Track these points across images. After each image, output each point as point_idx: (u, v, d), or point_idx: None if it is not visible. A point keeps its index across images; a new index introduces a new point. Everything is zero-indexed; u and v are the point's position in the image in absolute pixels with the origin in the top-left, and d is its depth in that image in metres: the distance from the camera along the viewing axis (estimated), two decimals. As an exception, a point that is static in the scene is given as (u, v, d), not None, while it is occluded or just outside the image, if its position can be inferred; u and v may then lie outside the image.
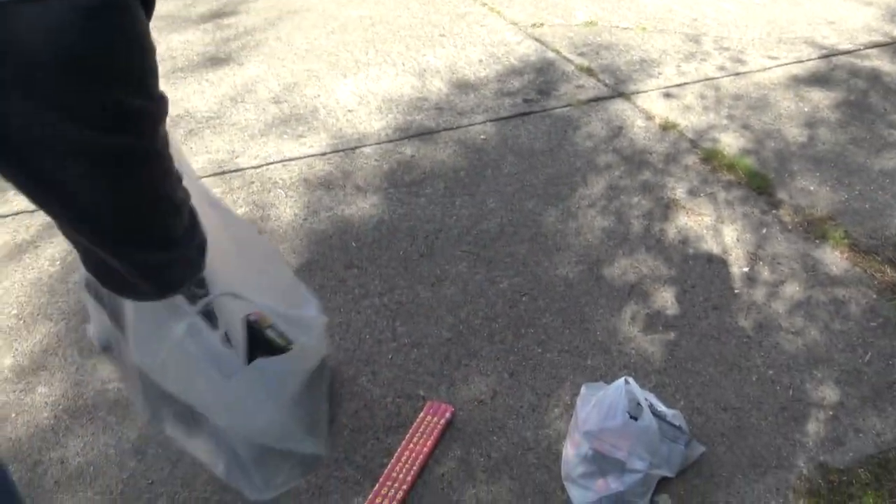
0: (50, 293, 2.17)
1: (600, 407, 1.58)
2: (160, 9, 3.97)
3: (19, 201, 2.54)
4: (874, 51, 3.68)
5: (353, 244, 2.35)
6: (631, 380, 1.61)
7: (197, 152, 2.80)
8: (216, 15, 3.96)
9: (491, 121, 3.02)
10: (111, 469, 1.68)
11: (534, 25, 3.87)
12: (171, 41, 3.67)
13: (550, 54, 3.57)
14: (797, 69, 3.47)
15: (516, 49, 3.62)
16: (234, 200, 2.53)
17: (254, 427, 1.53)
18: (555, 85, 3.29)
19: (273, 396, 1.50)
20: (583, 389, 1.70)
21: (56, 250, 2.32)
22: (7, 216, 2.48)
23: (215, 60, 3.50)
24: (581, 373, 1.92)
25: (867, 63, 3.55)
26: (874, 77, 3.42)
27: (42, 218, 2.46)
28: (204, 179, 2.34)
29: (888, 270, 2.26)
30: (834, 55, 3.62)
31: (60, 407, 1.82)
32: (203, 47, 3.63)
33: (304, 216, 2.47)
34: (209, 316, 1.37)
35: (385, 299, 2.14)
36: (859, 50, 3.68)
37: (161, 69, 3.45)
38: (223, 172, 2.69)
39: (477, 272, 2.24)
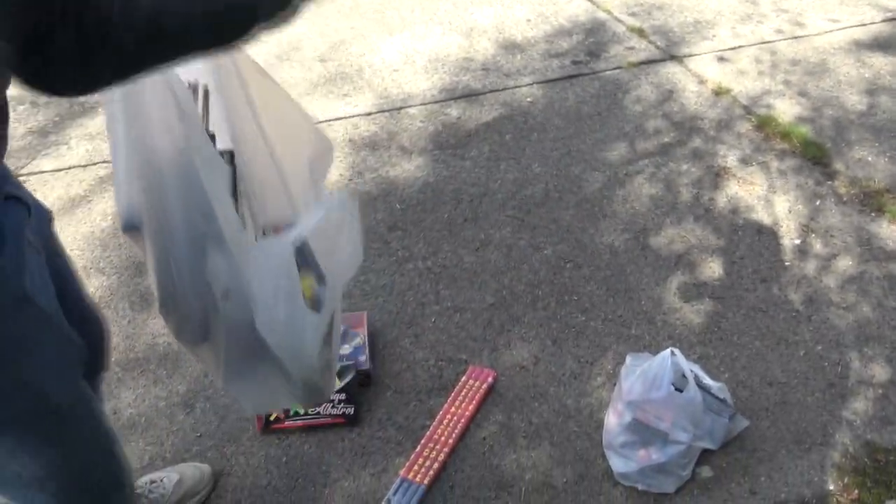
0: (102, 247, 2.22)
1: (645, 377, 1.57)
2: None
3: (72, 156, 2.59)
4: (943, 14, 3.50)
5: (398, 206, 2.35)
6: (677, 351, 1.60)
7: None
8: None
9: (538, 83, 2.97)
10: (161, 421, 1.74)
11: (584, -16, 3.77)
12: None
13: (601, 14, 3.48)
14: (859, 33, 3.33)
15: (566, 8, 3.54)
16: (280, 159, 2.54)
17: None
18: (605, 46, 3.22)
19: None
20: (627, 359, 1.69)
21: (108, 205, 2.36)
22: (61, 170, 2.53)
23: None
24: (625, 342, 1.91)
25: (935, 27, 3.39)
26: (941, 42, 3.27)
27: (95, 172, 2.51)
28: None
29: (947, 246, 2.19)
30: (899, 18, 3.46)
31: (113, 359, 1.87)
32: None
33: (348, 176, 2.48)
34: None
35: (429, 262, 2.15)
36: (927, 13, 3.51)
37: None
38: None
39: (521, 238, 2.23)
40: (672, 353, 1.58)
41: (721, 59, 3.13)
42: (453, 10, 3.53)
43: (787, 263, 2.15)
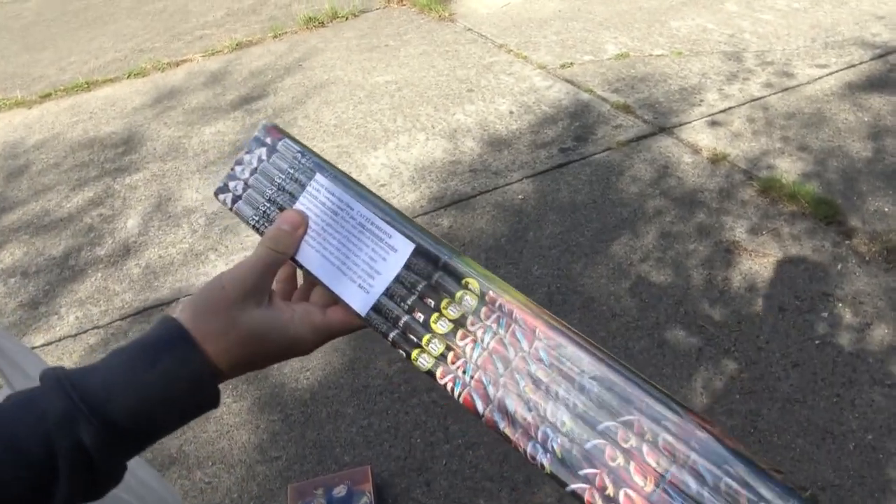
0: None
1: None
2: (191, 102, 4.01)
3: (62, 326, 2.53)
4: (934, 42, 3.41)
5: (396, 334, 2.24)
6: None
7: (233, 250, 2.75)
8: (245, 100, 3.98)
9: (528, 177, 2.89)
10: None
11: (563, 66, 3.74)
12: (202, 134, 3.68)
13: (584, 95, 3.43)
14: (850, 75, 3.24)
15: (547, 94, 3.50)
16: (273, 299, 2.46)
17: None
18: (591, 128, 3.15)
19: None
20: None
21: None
22: (51, 343, 2.47)
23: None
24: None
25: (928, 57, 3.29)
26: (938, 72, 3.16)
27: (85, 341, 2.44)
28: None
29: None
30: (889, 53, 3.37)
31: None
32: (234, 136, 3.63)
33: (343, 308, 2.38)
34: None
35: (434, 395, 2.01)
36: (917, 43, 3.42)
37: (193, 164, 3.45)
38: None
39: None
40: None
41: (713, 123, 3.04)
42: (435, 113, 3.50)
43: (817, 342, 1.98)
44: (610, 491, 0.44)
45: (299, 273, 0.61)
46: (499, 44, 4.13)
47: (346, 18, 4.88)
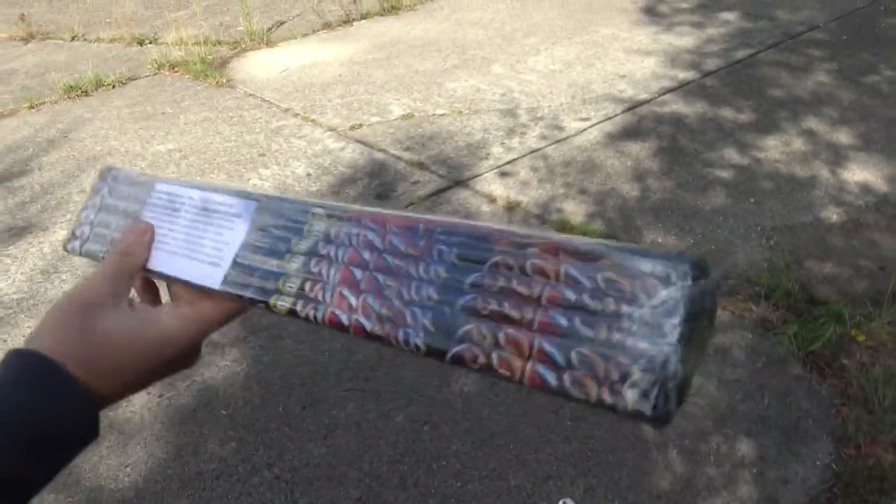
0: None
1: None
2: (-67, 183, 3.50)
3: None
4: (668, 96, 3.97)
5: (224, 413, 2.09)
6: (570, 501, 1.50)
7: (14, 344, 2.41)
8: (4, 177, 3.56)
9: (337, 237, 2.88)
10: None
11: (352, 128, 3.82)
12: (-47, 218, 3.23)
13: (378, 154, 3.52)
14: (609, 126, 3.66)
15: (342, 155, 3.54)
16: (71, 393, 2.19)
17: None
18: (391, 186, 3.23)
19: None
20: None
21: None
22: None
23: (14, 231, 3.10)
24: (507, 498, 1.79)
25: (666, 108, 3.82)
26: (677, 120, 3.68)
27: None
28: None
29: (753, 307, 2.35)
30: (636, 106, 3.86)
31: None
32: (-6, 218, 3.23)
33: (158, 393, 2.18)
34: None
35: (276, 470, 1.90)
36: (655, 98, 3.96)
37: (-52, 257, 2.93)
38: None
39: (368, 410, 2.07)
40: (566, 506, 1.49)
41: (502, 174, 3.26)
42: (228, 179, 3.39)
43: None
44: (488, 340, 0.41)
45: (163, 288, 0.58)
46: (284, 108, 4.12)
47: (113, 86, 4.59)
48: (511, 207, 2.99)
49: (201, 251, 0.55)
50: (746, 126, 3.59)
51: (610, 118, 3.74)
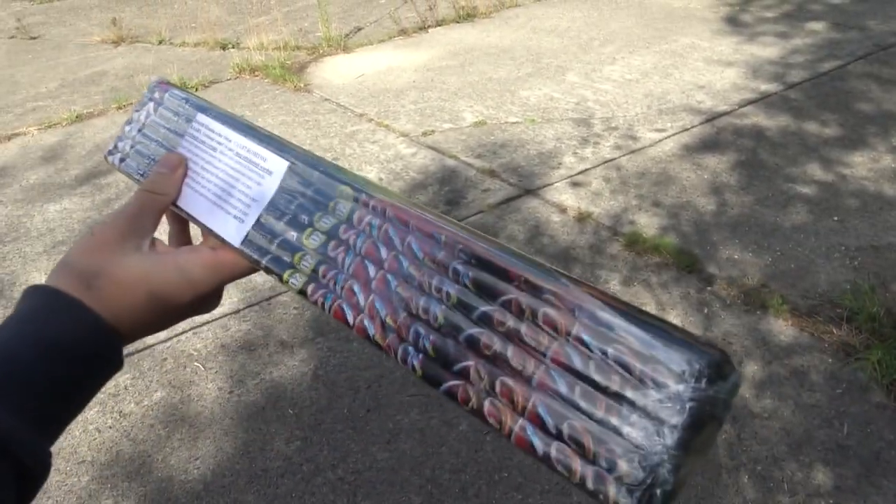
0: None
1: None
2: (29, 179, 3.70)
3: None
4: (749, 108, 3.85)
5: (291, 412, 2.13)
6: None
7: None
8: (92, 175, 3.73)
9: (406, 242, 2.90)
10: None
11: (424, 134, 3.85)
12: (46, 212, 3.39)
13: (449, 161, 3.53)
14: (686, 138, 3.58)
15: (413, 161, 3.57)
16: (148, 385, 2.27)
17: None
18: (461, 192, 3.24)
19: None
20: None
21: None
22: None
23: (99, 226, 3.24)
24: (570, 513, 1.76)
25: (746, 121, 3.71)
26: (757, 133, 3.57)
27: None
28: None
29: (834, 330, 2.25)
30: (715, 118, 3.76)
31: None
32: (84, 213, 3.37)
33: (229, 389, 2.24)
34: None
35: (339, 471, 1.93)
36: (735, 109, 3.85)
37: (40, 245, 3.19)
38: (128, 355, 2.42)
39: (431, 416, 2.07)
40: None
41: (574, 184, 3.23)
42: (303, 182, 3.46)
43: (699, 382, 2.11)
44: (485, 383, 0.39)
45: (196, 232, 0.57)
46: (359, 113, 4.18)
47: (196, 89, 4.75)
48: (582, 218, 2.95)
49: (229, 201, 0.54)
50: (832, 141, 3.45)
51: (687, 129, 3.66)
